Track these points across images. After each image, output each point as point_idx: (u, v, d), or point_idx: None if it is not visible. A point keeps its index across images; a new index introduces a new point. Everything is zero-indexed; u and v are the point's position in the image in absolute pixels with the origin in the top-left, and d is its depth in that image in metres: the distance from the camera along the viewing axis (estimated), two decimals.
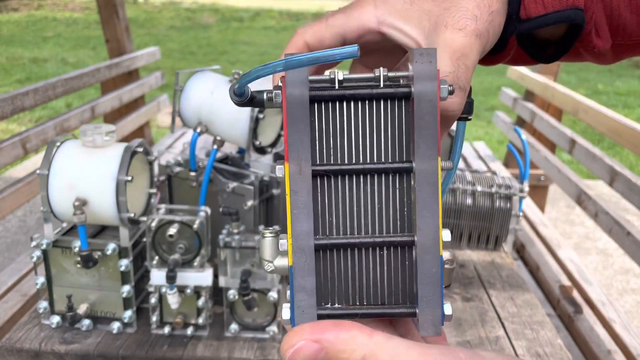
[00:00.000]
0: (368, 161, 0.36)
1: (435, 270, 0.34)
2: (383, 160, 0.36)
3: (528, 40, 0.51)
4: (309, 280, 0.35)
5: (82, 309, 1.13)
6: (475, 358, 0.32)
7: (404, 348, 0.31)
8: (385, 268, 0.36)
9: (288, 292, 0.36)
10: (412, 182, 0.36)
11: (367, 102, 0.36)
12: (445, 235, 0.35)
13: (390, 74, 0.37)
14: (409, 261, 0.36)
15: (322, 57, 0.33)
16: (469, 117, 0.42)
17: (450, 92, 0.36)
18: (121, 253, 1.11)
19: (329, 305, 0.36)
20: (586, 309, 1.88)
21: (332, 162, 0.37)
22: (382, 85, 0.36)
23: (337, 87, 0.36)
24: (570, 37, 0.50)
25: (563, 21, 0.47)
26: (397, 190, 0.36)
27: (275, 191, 1.30)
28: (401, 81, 0.37)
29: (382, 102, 0.36)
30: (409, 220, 0.36)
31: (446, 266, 0.36)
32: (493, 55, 0.50)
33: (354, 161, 0.36)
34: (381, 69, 0.37)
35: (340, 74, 0.37)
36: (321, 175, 0.36)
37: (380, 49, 0.48)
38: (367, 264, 0.36)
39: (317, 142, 0.37)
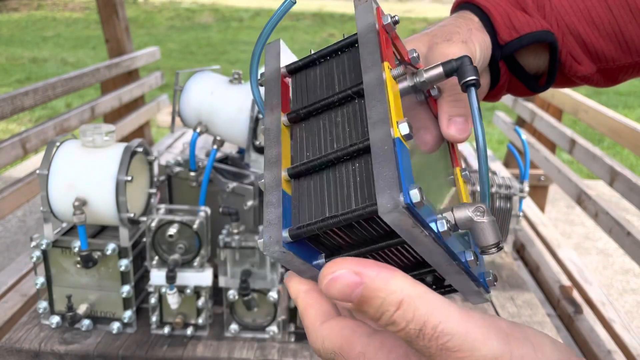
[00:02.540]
0: (335, 95, 0.39)
1: (388, 147, 0.32)
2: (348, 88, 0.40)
3: (522, 73, 0.59)
4: (275, 195, 0.36)
5: (82, 309, 1.13)
6: (517, 334, 0.30)
7: (445, 305, 0.30)
8: (350, 178, 0.35)
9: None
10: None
11: (332, 56, 0.42)
12: (403, 128, 0.33)
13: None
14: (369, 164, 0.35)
15: (270, 22, 0.42)
16: (477, 82, 0.40)
17: (395, 22, 0.40)
18: (121, 253, 1.11)
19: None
20: (586, 309, 1.88)
21: (307, 103, 0.41)
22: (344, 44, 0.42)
23: (311, 53, 0.43)
24: (553, 64, 0.57)
25: (536, 40, 0.55)
26: (357, 108, 0.38)
27: None
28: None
29: (345, 54, 0.42)
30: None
31: (483, 219, 0.34)
32: (493, 89, 0.59)
33: (324, 96, 0.40)
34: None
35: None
36: (298, 121, 0.41)
37: None
38: (333, 178, 0.36)
39: (295, 94, 0.42)
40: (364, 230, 0.34)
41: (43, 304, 1.14)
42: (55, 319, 1.14)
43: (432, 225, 0.32)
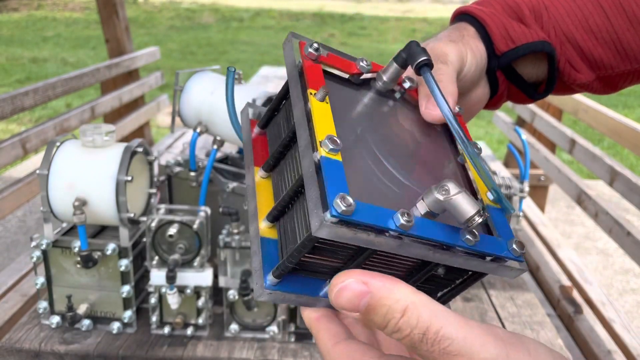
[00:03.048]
0: (285, 139, 0.42)
1: (312, 170, 0.34)
2: None
3: (521, 82, 0.60)
4: (256, 244, 0.39)
5: (82, 309, 1.13)
6: (514, 340, 0.32)
7: (445, 312, 0.31)
8: (304, 209, 0.37)
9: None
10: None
11: (287, 98, 0.45)
12: (327, 144, 0.35)
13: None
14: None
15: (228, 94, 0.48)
16: (429, 62, 0.41)
17: (315, 49, 0.42)
18: (121, 253, 1.11)
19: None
20: (586, 309, 1.88)
21: (272, 151, 0.43)
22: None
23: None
24: (552, 73, 0.58)
25: (533, 50, 0.55)
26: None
27: None
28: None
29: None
30: None
31: (450, 195, 0.34)
32: (492, 98, 0.60)
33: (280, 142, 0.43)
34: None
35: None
36: (270, 168, 0.43)
37: None
38: (296, 213, 0.38)
39: (270, 143, 0.46)
40: (331, 250, 0.35)
41: (43, 304, 1.14)
42: (56, 319, 1.14)
43: (389, 222, 0.33)
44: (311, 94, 0.38)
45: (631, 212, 3.61)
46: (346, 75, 0.45)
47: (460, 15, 0.59)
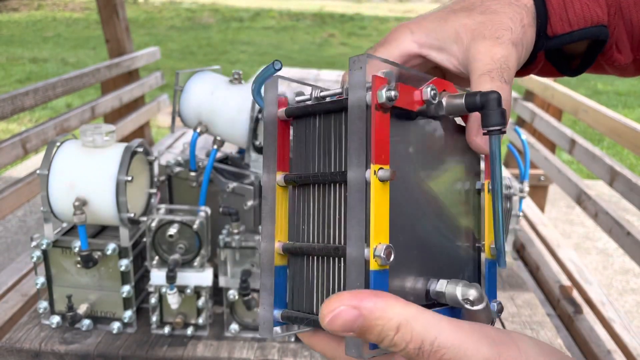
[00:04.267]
0: (332, 170, 0.37)
1: (360, 284, 0.33)
2: (340, 169, 0.37)
3: (555, 53, 0.53)
4: (269, 279, 0.37)
5: (82, 309, 1.13)
6: (504, 338, 0.33)
7: (436, 321, 0.32)
8: (330, 276, 0.36)
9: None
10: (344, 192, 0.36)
11: (332, 115, 0.38)
12: (378, 250, 0.33)
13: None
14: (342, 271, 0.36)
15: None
16: (502, 130, 0.36)
17: (390, 99, 0.33)
18: (121, 253, 1.11)
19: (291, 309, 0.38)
20: (586, 309, 1.88)
21: (303, 171, 0.39)
22: (345, 96, 0.37)
23: (311, 100, 0.39)
24: (593, 51, 0.52)
25: (588, 37, 0.49)
26: (339, 198, 0.37)
27: None
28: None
29: (343, 114, 0.37)
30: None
31: (472, 308, 0.36)
32: (524, 69, 0.53)
33: (322, 170, 0.38)
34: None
35: (317, 92, 0.39)
36: (296, 185, 0.39)
37: (430, 70, 0.50)
38: (321, 270, 0.37)
39: (296, 152, 0.40)
40: None
41: (43, 304, 1.14)
42: (56, 319, 1.14)
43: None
44: (374, 172, 0.33)
45: (631, 212, 3.61)
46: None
47: None
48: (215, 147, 1.25)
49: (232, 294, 1.11)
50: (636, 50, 0.53)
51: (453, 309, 0.38)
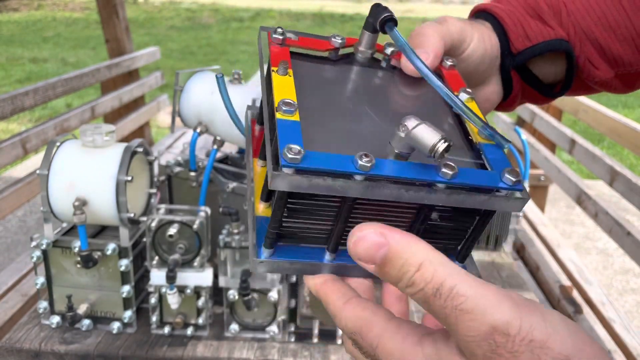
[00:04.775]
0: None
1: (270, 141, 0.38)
2: None
3: (536, 81, 0.58)
4: (250, 221, 0.40)
5: (82, 309, 1.13)
6: (529, 304, 0.31)
7: (461, 271, 0.31)
8: None
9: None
10: None
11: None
12: (279, 103, 0.38)
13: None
14: None
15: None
16: (386, 16, 0.42)
17: (280, 34, 0.44)
18: (121, 253, 1.11)
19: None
20: (586, 309, 1.88)
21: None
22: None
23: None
24: (570, 71, 0.57)
25: (550, 49, 0.54)
26: None
27: None
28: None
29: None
30: None
31: (410, 129, 0.34)
32: (506, 100, 0.59)
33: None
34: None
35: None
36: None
37: None
38: None
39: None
40: (307, 210, 0.36)
41: (43, 304, 1.14)
42: (56, 319, 1.14)
43: (347, 166, 0.33)
44: (273, 70, 0.40)
45: (631, 212, 3.61)
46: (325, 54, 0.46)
47: (477, 13, 0.58)
48: (215, 147, 1.25)
49: (232, 294, 1.11)
50: (615, 66, 0.56)
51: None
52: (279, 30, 0.44)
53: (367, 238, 0.32)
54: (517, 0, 0.57)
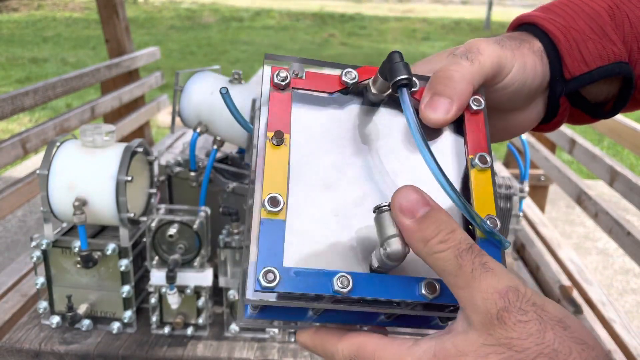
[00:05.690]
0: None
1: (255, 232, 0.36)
2: None
3: (581, 101, 0.51)
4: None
5: (82, 309, 1.13)
6: (546, 302, 0.34)
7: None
8: None
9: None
10: None
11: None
12: (266, 200, 0.37)
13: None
14: None
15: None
16: (408, 81, 0.38)
17: (283, 79, 0.40)
18: (121, 253, 1.11)
19: None
20: (586, 309, 1.88)
21: None
22: None
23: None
24: (625, 92, 0.50)
25: (609, 75, 0.48)
26: None
27: None
28: None
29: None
30: None
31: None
32: (548, 122, 0.53)
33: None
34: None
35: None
36: None
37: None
38: None
39: None
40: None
41: (43, 304, 1.14)
42: (56, 319, 1.14)
43: (324, 288, 0.34)
44: (268, 138, 0.37)
45: (631, 212, 3.61)
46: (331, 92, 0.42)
47: (524, 26, 0.50)
48: (215, 147, 1.25)
49: (232, 294, 1.11)
50: None
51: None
52: (283, 73, 0.40)
53: (414, 194, 0.35)
54: (573, 8, 0.49)
